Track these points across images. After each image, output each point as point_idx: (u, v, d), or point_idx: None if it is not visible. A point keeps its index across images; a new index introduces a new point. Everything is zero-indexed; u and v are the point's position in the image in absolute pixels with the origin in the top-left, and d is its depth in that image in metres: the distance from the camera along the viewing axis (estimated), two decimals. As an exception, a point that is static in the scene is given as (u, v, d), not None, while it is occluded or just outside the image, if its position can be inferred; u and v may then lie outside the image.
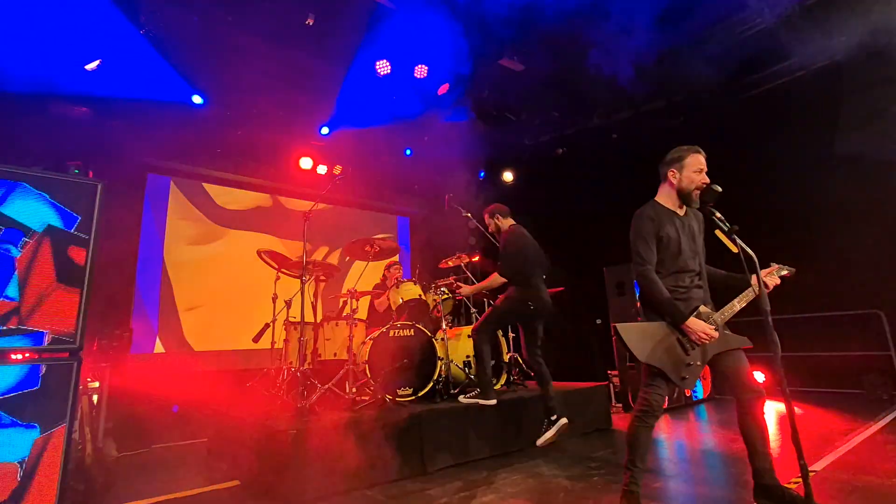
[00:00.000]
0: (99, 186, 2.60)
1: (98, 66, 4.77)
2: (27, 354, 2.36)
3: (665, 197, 2.56)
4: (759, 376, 6.27)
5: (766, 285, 2.45)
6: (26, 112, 4.88)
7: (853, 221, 5.72)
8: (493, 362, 4.35)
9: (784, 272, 2.56)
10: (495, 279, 3.94)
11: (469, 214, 5.27)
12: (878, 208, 5.56)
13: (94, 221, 2.55)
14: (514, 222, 4.19)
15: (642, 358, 2.29)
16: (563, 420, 3.72)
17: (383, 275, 5.49)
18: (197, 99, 5.62)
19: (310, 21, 5.00)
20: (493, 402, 3.81)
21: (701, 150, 2.52)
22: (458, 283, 4.60)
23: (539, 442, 3.68)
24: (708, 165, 2.52)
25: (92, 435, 3.99)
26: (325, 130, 6.66)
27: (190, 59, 5.19)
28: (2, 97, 4.55)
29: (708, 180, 2.46)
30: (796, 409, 5.17)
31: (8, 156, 4.92)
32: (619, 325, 2.33)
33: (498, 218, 4.18)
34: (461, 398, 4.00)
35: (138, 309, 6.05)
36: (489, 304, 4.69)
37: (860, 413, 4.72)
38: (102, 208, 2.57)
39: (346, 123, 6.53)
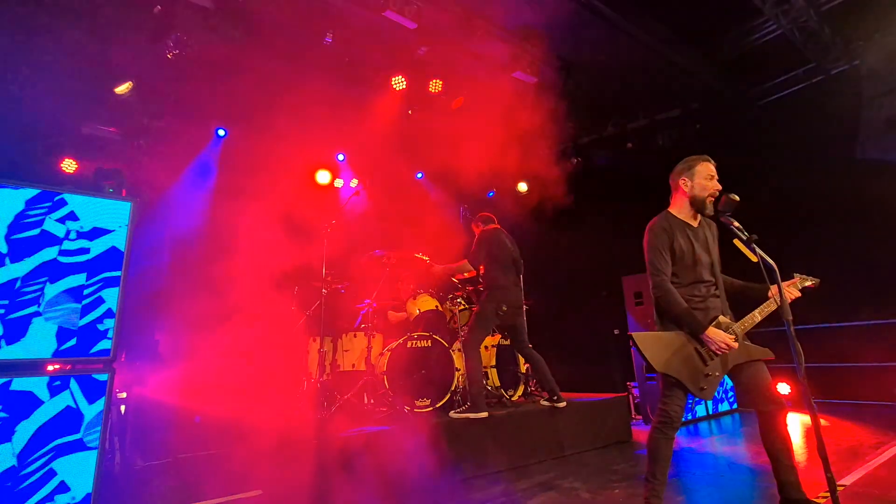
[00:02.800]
0: (131, 204, 2.72)
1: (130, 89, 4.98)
2: (58, 366, 2.47)
3: (678, 208, 2.56)
4: (784, 388, 6.13)
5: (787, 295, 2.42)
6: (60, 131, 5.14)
7: (882, 228, 5.58)
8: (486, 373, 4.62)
9: (808, 283, 2.49)
10: (464, 265, 4.32)
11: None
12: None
13: (127, 237, 2.66)
14: (495, 227, 4.45)
15: (659, 368, 2.28)
16: (563, 403, 4.17)
17: (395, 288, 5.55)
18: (220, 132, 5.89)
19: (329, 38, 5.14)
20: (485, 414, 3.80)
21: (710, 158, 2.53)
22: (432, 262, 4.69)
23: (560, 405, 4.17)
24: (726, 173, 2.51)
25: (120, 444, 4.10)
26: (340, 157, 6.91)
27: (213, 83, 5.38)
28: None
29: (720, 187, 2.46)
30: (823, 421, 5.03)
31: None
32: (635, 335, 2.33)
33: (480, 225, 4.53)
34: (452, 413, 3.89)
35: (162, 320, 6.20)
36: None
37: (892, 426, 4.58)
38: (135, 224, 2.69)
39: (362, 145, 6.70)
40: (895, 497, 2.68)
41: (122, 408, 4.49)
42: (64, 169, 5.55)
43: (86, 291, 2.51)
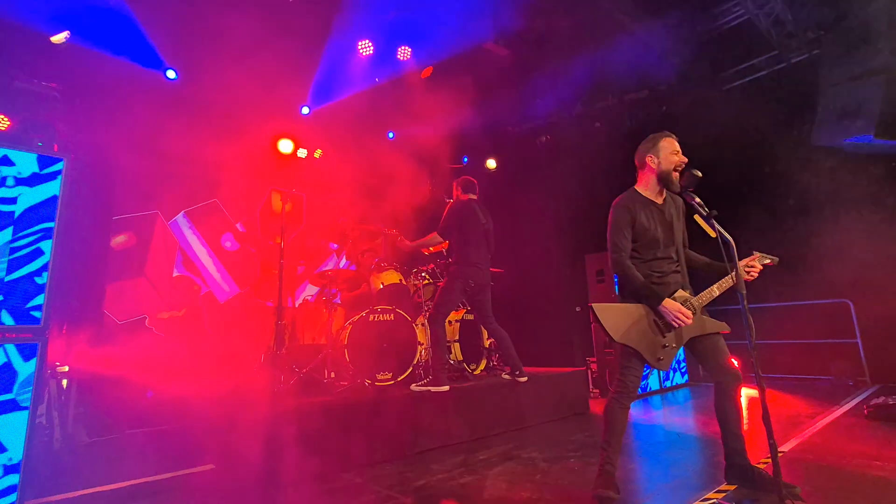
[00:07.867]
0: (64, 161, 2.48)
1: (66, 38, 4.53)
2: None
3: (644, 185, 2.58)
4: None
5: (747, 272, 2.49)
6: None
7: (824, 212, 5.87)
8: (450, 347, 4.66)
9: (767, 261, 2.58)
10: (434, 238, 4.21)
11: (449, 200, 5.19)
12: (848, 200, 5.71)
13: (60, 197, 2.44)
14: (472, 197, 4.31)
15: (617, 338, 2.31)
16: (524, 378, 4.21)
17: (357, 260, 5.43)
18: (171, 74, 5.41)
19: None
20: (446, 388, 3.80)
21: (672, 133, 2.55)
22: (401, 237, 4.62)
23: (521, 379, 4.22)
24: (687, 154, 2.53)
25: (60, 420, 3.88)
26: (305, 110, 6.48)
27: (164, 30, 4.97)
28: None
29: (686, 160, 2.49)
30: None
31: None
32: (595, 305, 2.34)
33: (460, 190, 4.36)
34: (413, 386, 3.88)
35: (109, 290, 5.87)
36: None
37: (827, 398, 4.90)
38: (68, 184, 2.46)
39: (326, 105, 6.36)
40: (829, 461, 2.86)
41: (64, 381, 4.23)
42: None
43: (13, 258, 2.29)
